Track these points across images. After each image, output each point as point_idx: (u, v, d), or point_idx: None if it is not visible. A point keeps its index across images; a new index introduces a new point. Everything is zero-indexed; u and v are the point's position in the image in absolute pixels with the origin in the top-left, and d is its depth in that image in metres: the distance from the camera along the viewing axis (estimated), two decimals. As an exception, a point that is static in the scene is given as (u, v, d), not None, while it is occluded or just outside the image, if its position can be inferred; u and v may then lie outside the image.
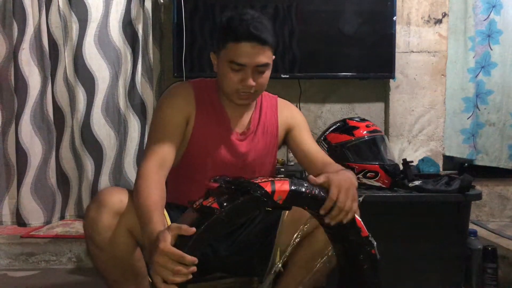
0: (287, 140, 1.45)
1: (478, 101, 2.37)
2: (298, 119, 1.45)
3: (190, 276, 0.91)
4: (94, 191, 2.10)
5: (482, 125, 2.39)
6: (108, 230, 1.12)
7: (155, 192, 1.13)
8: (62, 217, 2.13)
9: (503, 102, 2.34)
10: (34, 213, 2.04)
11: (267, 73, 1.28)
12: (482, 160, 2.40)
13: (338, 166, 1.30)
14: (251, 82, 1.24)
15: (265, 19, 1.26)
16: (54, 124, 2.07)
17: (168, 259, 0.90)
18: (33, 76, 2.01)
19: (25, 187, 2.02)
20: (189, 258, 0.91)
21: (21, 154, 2.02)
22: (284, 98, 1.51)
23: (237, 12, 1.27)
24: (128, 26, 2.07)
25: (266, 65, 1.25)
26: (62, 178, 2.12)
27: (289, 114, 1.45)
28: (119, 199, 1.14)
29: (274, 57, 1.29)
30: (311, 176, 1.09)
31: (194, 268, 0.91)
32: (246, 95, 1.28)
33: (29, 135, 2.02)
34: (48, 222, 2.07)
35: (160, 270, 0.90)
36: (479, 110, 2.38)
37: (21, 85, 2.00)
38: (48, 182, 2.05)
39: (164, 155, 1.23)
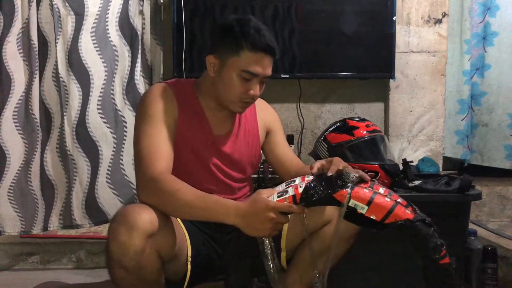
0: (264, 142, 1.47)
1: (472, 103, 2.38)
2: (276, 123, 1.49)
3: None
4: (90, 193, 1.97)
5: (476, 126, 2.40)
6: (140, 254, 1.07)
7: (191, 188, 1.15)
8: (45, 229, 1.94)
9: (498, 103, 2.34)
10: (10, 221, 1.87)
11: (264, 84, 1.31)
12: (476, 160, 2.40)
13: None
14: (257, 92, 1.26)
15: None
16: (40, 125, 1.93)
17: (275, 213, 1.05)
18: (18, 72, 1.89)
19: (1, 191, 1.86)
20: (296, 207, 1.07)
21: (0, 154, 1.86)
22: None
23: (244, 18, 1.24)
24: (126, 23, 2.03)
25: (269, 76, 1.27)
26: (47, 184, 1.94)
27: (268, 116, 1.47)
28: (149, 220, 1.08)
29: None
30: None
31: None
32: (246, 104, 1.29)
33: (11, 134, 1.88)
34: (26, 231, 1.91)
35: (269, 225, 1.06)
36: (473, 111, 2.39)
37: (5, 80, 1.88)
38: (29, 187, 1.90)
39: (168, 157, 1.24)
